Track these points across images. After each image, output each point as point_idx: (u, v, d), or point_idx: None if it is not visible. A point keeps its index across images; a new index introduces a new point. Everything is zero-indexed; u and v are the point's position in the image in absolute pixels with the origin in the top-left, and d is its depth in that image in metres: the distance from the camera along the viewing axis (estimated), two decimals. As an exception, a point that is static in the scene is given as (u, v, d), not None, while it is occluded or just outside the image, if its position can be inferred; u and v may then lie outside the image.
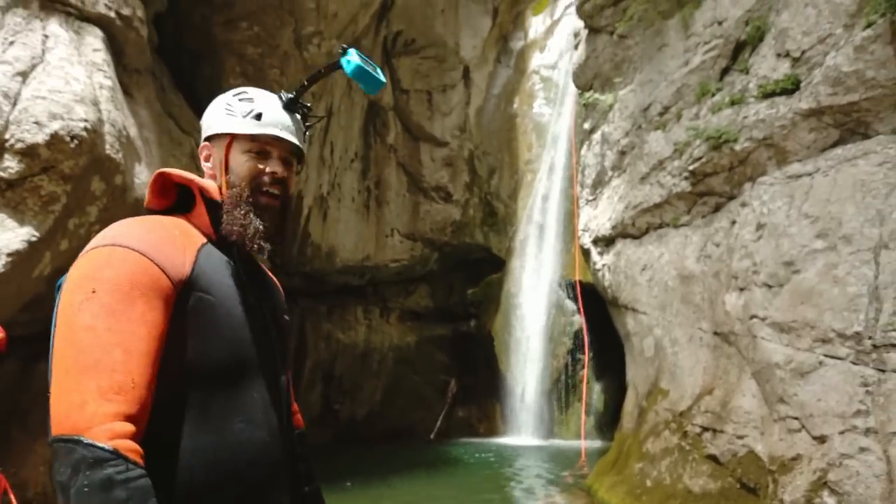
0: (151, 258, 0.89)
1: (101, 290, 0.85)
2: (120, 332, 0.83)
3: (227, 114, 1.07)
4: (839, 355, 3.49)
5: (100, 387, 0.79)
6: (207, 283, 0.94)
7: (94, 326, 0.82)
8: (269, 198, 1.05)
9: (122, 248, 0.89)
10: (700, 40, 5.35)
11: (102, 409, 0.78)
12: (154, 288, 0.87)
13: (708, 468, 4.23)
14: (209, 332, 0.93)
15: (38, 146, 3.81)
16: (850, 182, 3.71)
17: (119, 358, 0.81)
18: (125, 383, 0.81)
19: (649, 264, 5.66)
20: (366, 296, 10.98)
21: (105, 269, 0.87)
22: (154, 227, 0.96)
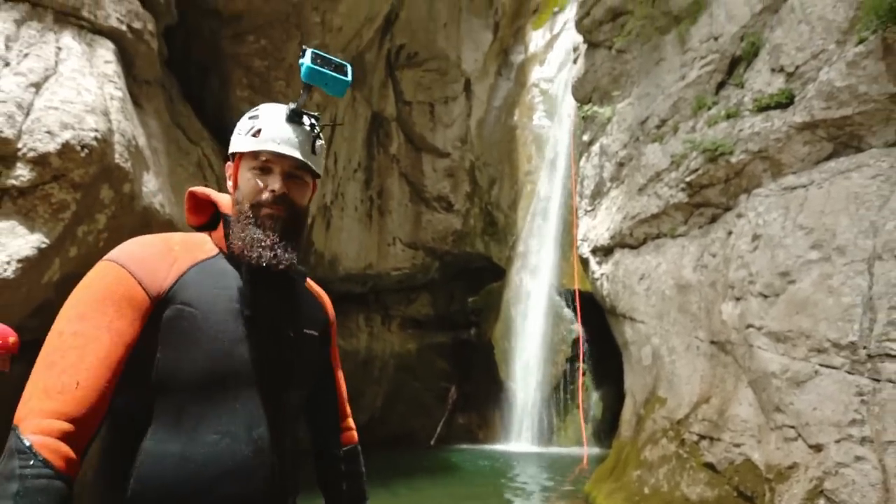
0: (131, 272, 0.94)
1: (81, 297, 0.92)
2: (83, 336, 0.88)
3: (237, 133, 1.09)
4: (834, 365, 3.54)
5: (45, 385, 0.84)
6: (191, 296, 0.96)
7: (62, 331, 0.89)
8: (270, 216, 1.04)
9: (109, 263, 0.96)
10: (696, 55, 5.47)
11: (40, 405, 0.83)
12: (127, 298, 0.92)
13: (705, 476, 4.26)
14: (185, 343, 0.94)
15: (50, 155, 3.89)
16: (843, 194, 3.79)
17: (71, 360, 0.86)
18: (68, 384, 0.84)
19: (647, 274, 5.73)
20: (368, 303, 11.05)
21: (94, 280, 0.94)
22: (153, 242, 1.01)
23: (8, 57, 3.92)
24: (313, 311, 1.20)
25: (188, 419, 0.93)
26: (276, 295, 1.08)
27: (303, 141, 1.07)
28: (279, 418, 1.02)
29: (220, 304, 0.98)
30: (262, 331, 1.02)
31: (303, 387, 1.13)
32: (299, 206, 1.07)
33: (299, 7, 6.62)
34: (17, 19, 4.07)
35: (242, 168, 1.07)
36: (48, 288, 4.10)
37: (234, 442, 0.95)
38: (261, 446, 0.97)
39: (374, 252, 10.22)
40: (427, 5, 9.99)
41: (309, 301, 1.20)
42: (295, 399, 1.09)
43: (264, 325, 1.03)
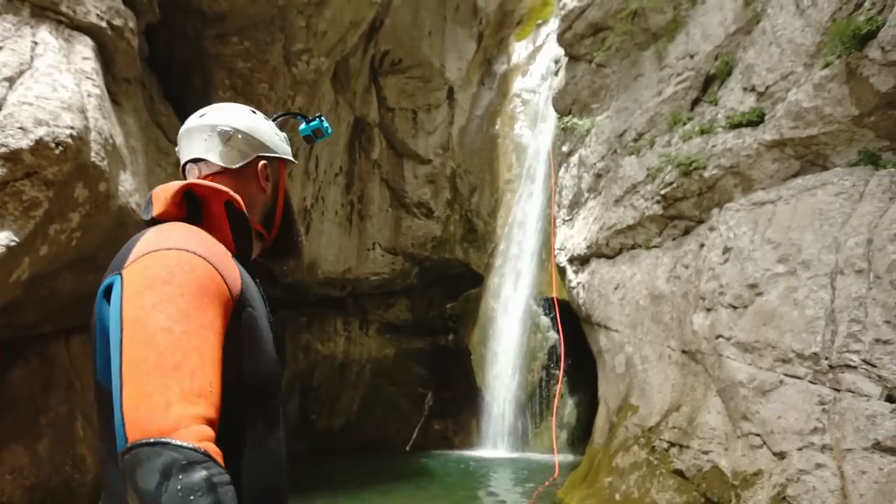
0: (216, 266, 0.89)
1: (174, 292, 0.82)
2: (195, 335, 0.81)
3: (280, 140, 1.18)
4: (798, 375, 3.67)
5: (183, 389, 0.76)
6: (250, 297, 0.95)
7: (171, 329, 0.79)
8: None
9: (191, 255, 0.87)
10: (673, 72, 5.63)
11: (188, 411, 0.75)
12: (219, 296, 0.87)
13: (674, 482, 4.36)
14: (257, 347, 0.94)
15: (23, 151, 3.81)
16: (809, 210, 3.94)
17: (197, 361, 0.79)
18: (205, 387, 0.78)
19: (622, 283, 5.85)
20: (346, 308, 10.99)
21: (177, 272, 0.84)
22: (208, 237, 0.95)
23: (-18, 50, 3.84)
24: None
25: (268, 422, 0.94)
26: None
27: None
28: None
29: (263, 307, 1.00)
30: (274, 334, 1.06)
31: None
32: None
33: (284, 10, 6.60)
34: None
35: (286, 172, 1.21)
36: (16, 287, 4.00)
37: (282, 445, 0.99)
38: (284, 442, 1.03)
39: (354, 256, 10.19)
40: (412, 13, 10.06)
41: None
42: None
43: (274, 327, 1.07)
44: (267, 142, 1.16)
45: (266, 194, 1.15)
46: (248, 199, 1.10)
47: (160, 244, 0.88)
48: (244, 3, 6.32)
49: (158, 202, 1.02)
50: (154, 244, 0.88)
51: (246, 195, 1.10)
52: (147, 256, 0.86)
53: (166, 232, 0.92)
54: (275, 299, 10.03)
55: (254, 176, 1.14)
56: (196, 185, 1.03)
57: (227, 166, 1.12)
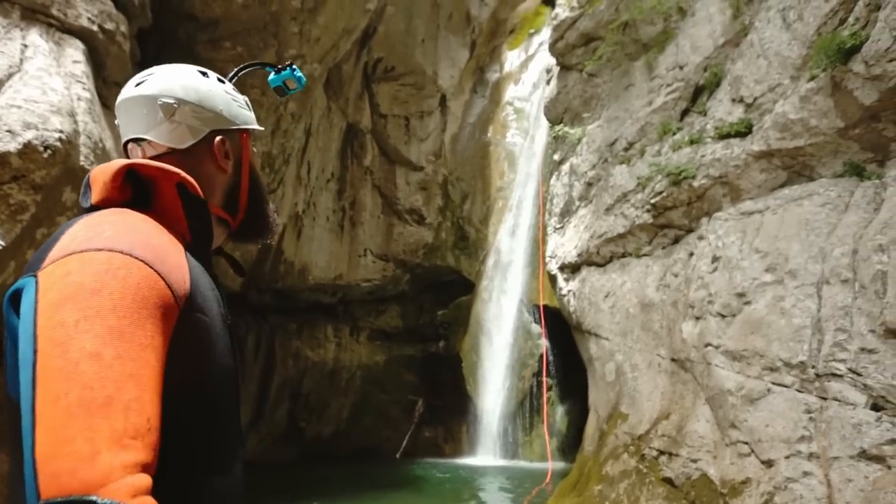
0: (158, 270, 0.72)
1: (104, 306, 0.66)
2: (131, 360, 0.65)
3: (239, 106, 0.96)
4: (785, 383, 3.70)
5: (114, 431, 0.61)
6: (202, 299, 0.80)
7: (99, 354, 0.64)
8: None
9: (123, 256, 0.70)
10: (663, 82, 5.70)
11: (120, 458, 0.60)
12: (160, 306, 0.71)
13: (663, 491, 4.37)
14: (206, 359, 0.79)
15: (10, 154, 3.77)
16: (795, 220, 3.99)
17: (133, 393, 0.64)
18: (141, 424, 0.64)
19: (612, 292, 5.88)
20: (336, 314, 10.95)
21: (108, 280, 0.68)
22: (154, 230, 0.79)
23: (-30, 52, 3.80)
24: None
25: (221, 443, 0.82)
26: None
27: None
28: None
29: (216, 309, 0.83)
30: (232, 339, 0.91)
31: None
32: None
33: (278, 16, 6.62)
34: (-19, 14, 3.95)
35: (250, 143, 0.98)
36: (2, 291, 3.95)
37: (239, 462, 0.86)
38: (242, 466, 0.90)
39: (345, 263, 10.16)
40: (405, 21, 10.11)
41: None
42: None
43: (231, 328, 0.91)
44: (222, 111, 0.95)
45: (227, 174, 0.95)
46: (206, 182, 0.92)
47: (88, 243, 0.71)
48: (237, 8, 6.33)
49: (97, 186, 0.83)
50: (81, 242, 0.71)
51: (202, 177, 0.91)
52: (70, 258, 0.69)
53: (97, 226, 0.74)
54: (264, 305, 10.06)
55: (209, 155, 0.94)
56: (140, 165, 0.85)
57: (175, 146, 0.92)
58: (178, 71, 0.95)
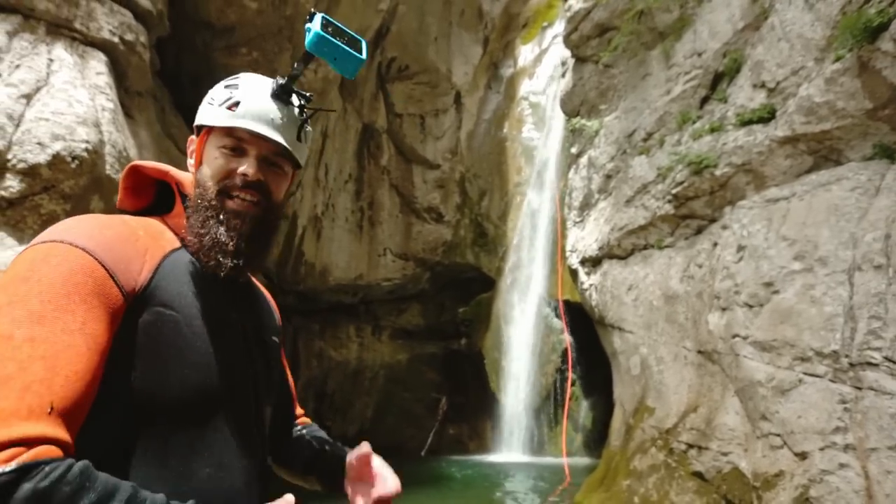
0: (98, 258, 0.72)
1: (31, 291, 0.67)
2: (48, 343, 0.65)
3: (207, 102, 0.90)
4: (818, 373, 3.61)
5: (2, 410, 0.60)
6: (170, 295, 0.77)
7: (11, 335, 0.64)
8: (241, 202, 0.86)
9: (64, 245, 0.71)
10: (681, 70, 5.60)
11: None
12: (98, 294, 0.70)
13: (694, 485, 4.30)
14: (169, 357, 0.75)
15: (40, 166, 3.89)
16: (824, 206, 3.89)
17: (38, 375, 0.63)
18: (39, 407, 0.62)
19: (635, 284, 5.81)
20: (358, 314, 11.03)
21: (40, 268, 0.69)
22: (112, 223, 0.79)
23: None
24: (272, 314, 1.04)
25: (176, 450, 0.75)
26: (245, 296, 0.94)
27: (287, 123, 0.89)
28: (263, 440, 0.89)
29: (199, 308, 0.80)
30: (244, 340, 0.87)
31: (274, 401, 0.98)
32: (274, 200, 0.90)
33: (292, 20, 6.68)
34: (9, 31, 4.08)
35: (210, 145, 0.88)
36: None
37: (228, 474, 0.79)
38: (251, 475, 0.83)
39: (365, 262, 10.23)
40: (418, 19, 10.12)
41: (264, 301, 1.04)
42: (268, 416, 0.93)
43: (245, 333, 0.88)
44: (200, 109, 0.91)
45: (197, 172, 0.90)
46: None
47: (42, 237, 0.74)
48: (252, 14, 6.41)
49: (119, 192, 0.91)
50: (36, 239, 0.75)
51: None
52: (22, 252, 0.73)
53: (62, 223, 0.77)
54: (287, 306, 10.19)
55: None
56: (142, 167, 0.89)
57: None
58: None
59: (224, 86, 0.90)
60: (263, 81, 0.90)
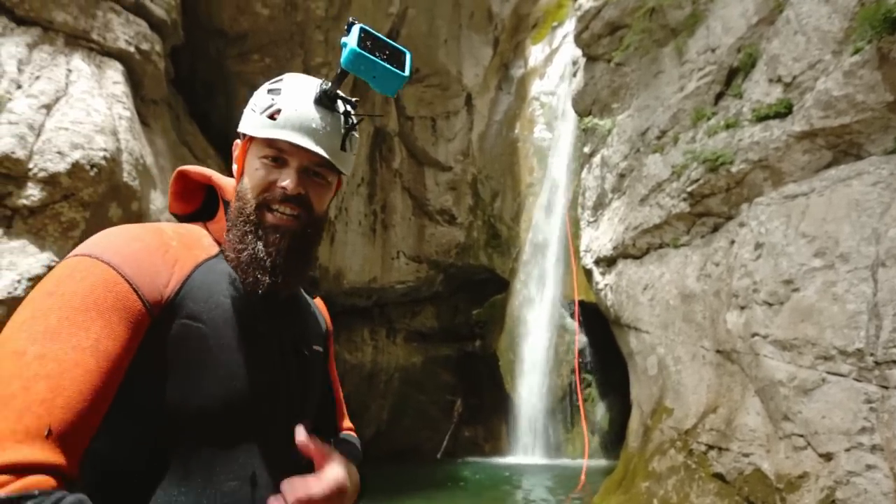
0: (121, 272, 0.70)
1: (52, 306, 0.67)
2: (56, 361, 0.63)
3: (251, 109, 0.87)
4: (841, 372, 3.54)
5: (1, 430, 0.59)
6: (197, 307, 0.76)
7: (24, 351, 0.63)
8: (281, 217, 0.83)
9: (90, 260, 0.71)
10: (694, 67, 5.54)
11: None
12: (118, 309, 0.69)
13: (714, 487, 4.24)
14: (194, 370, 0.74)
15: (60, 175, 3.96)
16: (845, 202, 3.81)
17: (40, 395, 0.61)
18: (36, 429, 0.60)
19: (650, 284, 5.74)
20: (372, 317, 11.06)
21: (65, 283, 0.69)
22: (143, 234, 0.77)
23: (20, 80, 4.01)
24: (317, 322, 1.02)
25: (200, 464, 0.74)
26: (285, 306, 0.91)
27: (331, 132, 0.84)
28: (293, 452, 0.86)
29: (228, 318, 0.78)
30: (276, 351, 0.85)
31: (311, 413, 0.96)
32: (316, 213, 0.86)
33: (303, 26, 6.74)
34: (29, 43, 4.17)
35: (251, 154, 0.85)
36: (57, 305, 4.13)
37: (254, 488, 0.77)
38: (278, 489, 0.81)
39: (378, 266, 10.26)
40: (427, 22, 10.15)
41: (311, 311, 1.02)
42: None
43: (278, 344, 0.86)
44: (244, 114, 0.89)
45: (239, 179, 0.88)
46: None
47: (73, 251, 0.74)
48: (264, 21, 6.48)
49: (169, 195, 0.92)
50: (72, 252, 0.75)
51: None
52: (55, 266, 0.73)
53: (96, 235, 0.77)
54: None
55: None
56: (187, 172, 0.89)
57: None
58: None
59: (267, 90, 0.86)
60: (307, 85, 0.86)
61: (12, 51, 4.06)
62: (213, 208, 0.91)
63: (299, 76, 0.89)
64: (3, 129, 3.78)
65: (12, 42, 4.10)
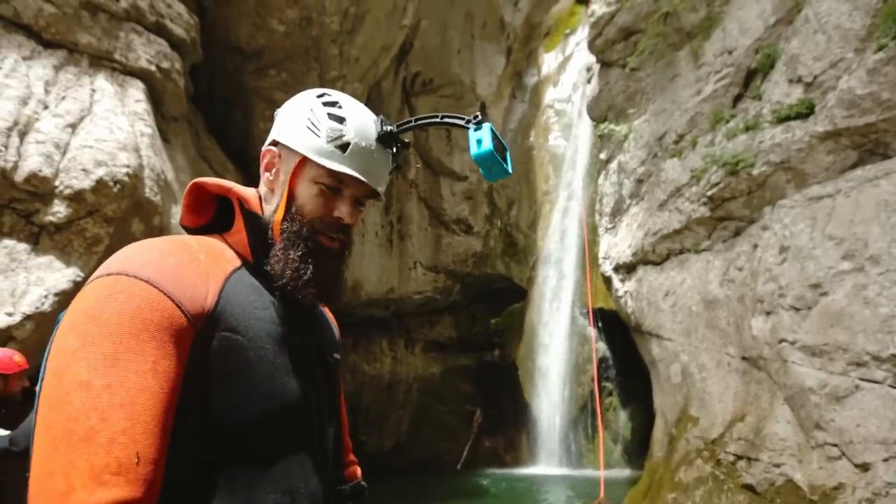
0: (163, 290, 0.70)
1: (101, 332, 0.65)
2: (124, 388, 0.63)
3: (307, 128, 0.86)
4: (876, 378, 3.42)
5: (93, 466, 0.59)
6: (235, 319, 0.75)
7: (89, 383, 0.62)
8: (332, 241, 0.86)
9: (128, 279, 0.69)
10: (711, 69, 5.47)
11: (95, 497, 0.59)
12: (167, 328, 0.68)
13: (745, 498, 4.11)
14: (236, 383, 0.74)
15: (85, 191, 4.05)
16: (873, 202, 3.71)
17: (120, 425, 0.62)
18: (127, 459, 0.61)
19: (672, 290, 5.64)
20: (390, 328, 11.06)
21: (108, 305, 0.67)
22: (174, 249, 0.77)
23: (47, 100, 4.13)
24: (332, 330, 1.03)
25: (243, 479, 0.73)
26: (310, 316, 0.94)
27: (383, 167, 0.90)
28: (327, 462, 0.87)
29: (263, 330, 0.78)
30: (306, 360, 0.85)
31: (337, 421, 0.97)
32: (352, 235, 0.92)
33: (318, 40, 6.84)
34: (55, 65, 4.29)
35: (307, 176, 0.85)
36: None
37: (294, 500, 0.77)
38: (317, 501, 0.81)
39: (396, 276, 10.28)
40: (440, 33, 10.23)
41: (326, 319, 1.03)
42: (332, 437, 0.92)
43: (306, 354, 0.86)
44: (284, 125, 0.88)
45: (272, 192, 0.87)
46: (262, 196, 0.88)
47: (103, 269, 0.72)
48: (280, 37, 6.59)
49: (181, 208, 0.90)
50: (100, 269, 0.72)
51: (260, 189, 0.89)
52: (86, 287, 0.71)
53: (122, 251, 0.75)
54: (321, 322, 10.38)
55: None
56: (204, 183, 0.88)
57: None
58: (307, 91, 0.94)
59: (329, 114, 0.86)
60: (368, 119, 0.89)
61: (39, 73, 4.18)
62: (225, 220, 0.90)
63: (355, 102, 0.91)
64: (31, 149, 3.89)
65: (39, 64, 4.22)
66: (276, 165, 0.88)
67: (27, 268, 3.79)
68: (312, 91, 0.91)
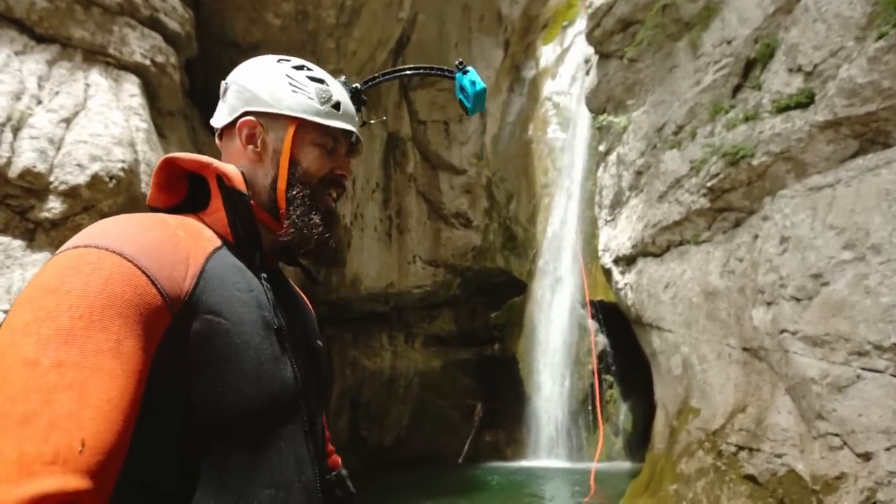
0: (138, 264, 0.62)
1: (59, 306, 0.57)
2: (77, 368, 0.55)
3: (293, 91, 0.83)
4: (878, 368, 3.41)
5: (23, 455, 0.51)
6: (217, 301, 0.69)
7: (36, 360, 0.54)
8: (331, 199, 0.88)
9: (98, 251, 0.62)
10: (710, 60, 5.44)
11: (19, 489, 0.49)
12: (137, 305, 0.61)
13: (746, 489, 4.11)
14: (221, 369, 0.68)
15: (80, 187, 4.02)
16: (874, 192, 3.69)
17: (66, 408, 0.54)
18: (67, 447, 0.52)
19: (672, 282, 5.63)
20: (390, 322, 11.05)
21: (70, 277, 0.59)
22: (153, 224, 0.70)
23: (41, 95, 4.09)
24: (312, 316, 0.99)
25: (233, 472, 0.67)
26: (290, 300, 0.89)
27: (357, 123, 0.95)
28: (319, 452, 0.83)
29: (247, 313, 0.72)
30: (293, 345, 0.80)
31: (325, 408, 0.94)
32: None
33: (314, 34, 6.79)
34: (48, 59, 4.25)
35: (305, 139, 0.84)
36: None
37: (288, 493, 0.72)
38: (311, 492, 0.77)
39: (395, 271, 10.26)
40: (437, 27, 10.16)
41: (304, 303, 0.99)
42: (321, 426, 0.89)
43: (293, 339, 0.81)
44: (260, 92, 0.83)
45: (261, 163, 0.83)
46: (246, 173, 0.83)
47: (73, 241, 0.64)
48: (276, 31, 6.53)
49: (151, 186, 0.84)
50: (67, 243, 0.65)
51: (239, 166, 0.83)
52: (49, 260, 0.63)
53: (97, 224, 0.68)
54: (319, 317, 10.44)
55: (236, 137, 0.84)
56: (177, 159, 0.80)
57: (216, 126, 0.88)
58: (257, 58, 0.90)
59: (308, 76, 0.86)
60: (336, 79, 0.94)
61: (32, 68, 4.14)
62: (199, 200, 0.83)
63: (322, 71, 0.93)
64: (24, 144, 3.85)
65: (32, 59, 4.18)
66: (260, 136, 0.83)
67: (22, 264, 3.76)
68: (269, 58, 0.88)
